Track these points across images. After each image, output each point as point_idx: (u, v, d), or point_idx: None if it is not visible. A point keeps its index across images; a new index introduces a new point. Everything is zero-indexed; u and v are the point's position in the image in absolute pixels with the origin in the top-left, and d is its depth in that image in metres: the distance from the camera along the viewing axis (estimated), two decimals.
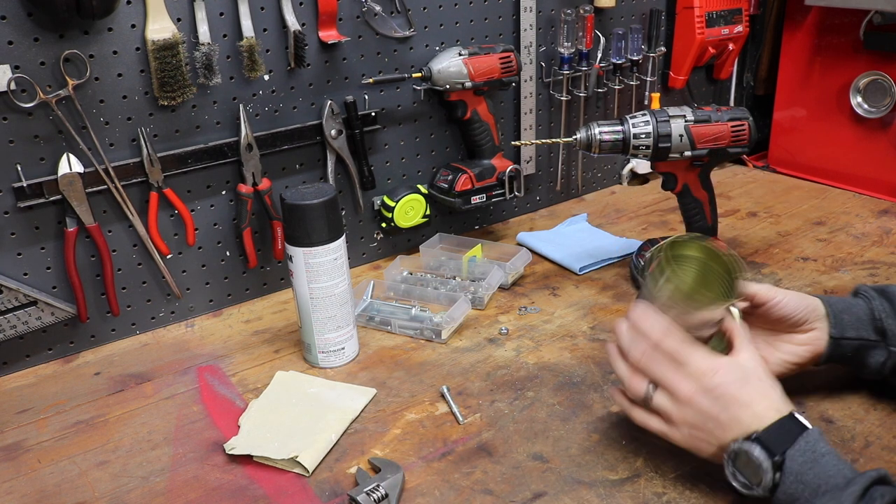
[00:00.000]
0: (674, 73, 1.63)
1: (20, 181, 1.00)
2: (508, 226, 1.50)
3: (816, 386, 0.93)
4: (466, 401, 0.95)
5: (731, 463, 0.71)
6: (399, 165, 1.34)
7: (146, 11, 1.02)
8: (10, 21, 0.94)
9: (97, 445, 0.91)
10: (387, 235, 1.37)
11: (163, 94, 1.05)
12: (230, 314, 1.22)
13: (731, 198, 1.57)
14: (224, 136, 1.14)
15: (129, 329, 1.16)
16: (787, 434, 0.69)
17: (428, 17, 1.27)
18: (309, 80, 1.19)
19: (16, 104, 0.97)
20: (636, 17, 1.53)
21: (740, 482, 0.71)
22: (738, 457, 0.71)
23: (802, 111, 1.67)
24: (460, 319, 1.11)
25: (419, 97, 1.29)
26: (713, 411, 0.73)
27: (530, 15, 1.37)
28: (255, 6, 1.10)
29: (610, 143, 1.11)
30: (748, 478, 0.70)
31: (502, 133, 1.41)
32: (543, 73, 1.45)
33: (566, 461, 0.83)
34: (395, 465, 0.82)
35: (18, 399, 1.02)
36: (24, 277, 1.05)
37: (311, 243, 0.97)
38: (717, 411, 0.72)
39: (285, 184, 1.21)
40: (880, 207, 1.48)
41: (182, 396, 1.00)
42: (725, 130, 1.12)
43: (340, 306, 1.02)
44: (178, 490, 0.83)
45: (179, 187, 1.12)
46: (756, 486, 0.69)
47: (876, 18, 1.46)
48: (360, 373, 1.03)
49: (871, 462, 0.80)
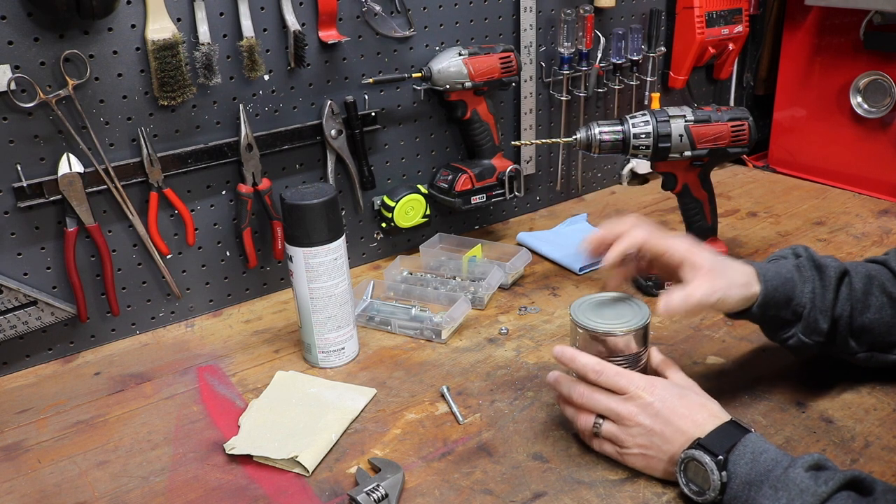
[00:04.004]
0: (674, 73, 1.63)
1: (20, 181, 1.00)
2: (508, 226, 1.50)
3: (816, 386, 0.93)
4: (466, 401, 0.95)
5: (682, 474, 0.75)
6: (399, 165, 1.34)
7: (146, 11, 1.02)
8: (10, 21, 0.94)
9: (97, 445, 0.91)
10: (387, 235, 1.36)
11: (163, 94, 1.05)
12: (230, 314, 1.22)
13: (731, 198, 1.57)
14: (224, 136, 1.14)
15: (129, 329, 1.16)
16: (728, 437, 0.73)
17: (428, 17, 1.27)
18: (309, 80, 1.19)
19: (16, 104, 0.97)
20: (636, 17, 1.53)
21: (693, 490, 0.74)
22: (686, 465, 0.74)
23: (802, 111, 1.67)
24: (460, 319, 1.11)
25: (419, 97, 1.29)
26: (657, 427, 0.77)
27: (530, 15, 1.37)
28: (255, 6, 1.10)
29: (610, 143, 1.11)
30: (699, 484, 0.73)
31: (502, 133, 1.41)
32: (543, 73, 1.45)
33: (566, 461, 0.83)
34: (395, 465, 0.82)
35: (18, 399, 1.02)
36: (24, 277, 1.05)
37: (311, 243, 0.97)
38: (661, 426, 0.77)
39: (285, 184, 1.21)
40: (880, 207, 1.48)
41: (182, 396, 1.00)
42: (725, 130, 1.12)
43: (340, 306, 1.02)
44: (178, 490, 0.83)
45: (179, 187, 1.12)
46: (708, 491, 0.72)
47: (876, 18, 1.46)
48: (360, 373, 1.03)
49: (871, 462, 0.80)
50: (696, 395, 0.79)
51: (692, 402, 0.78)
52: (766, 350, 1.02)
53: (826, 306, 0.85)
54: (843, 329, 0.86)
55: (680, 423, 0.76)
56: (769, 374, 0.96)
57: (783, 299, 0.85)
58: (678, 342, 1.05)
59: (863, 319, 0.87)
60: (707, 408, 0.77)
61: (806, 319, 0.85)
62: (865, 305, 0.87)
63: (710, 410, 0.77)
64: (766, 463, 0.70)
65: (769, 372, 0.97)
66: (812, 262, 0.87)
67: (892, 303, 0.87)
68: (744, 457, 0.71)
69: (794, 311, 0.85)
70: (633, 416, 0.78)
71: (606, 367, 0.80)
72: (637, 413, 0.78)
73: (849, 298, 0.86)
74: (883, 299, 0.87)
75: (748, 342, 1.04)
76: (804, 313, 0.85)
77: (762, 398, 0.92)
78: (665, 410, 0.77)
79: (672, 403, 0.77)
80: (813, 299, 0.85)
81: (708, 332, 1.06)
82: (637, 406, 0.78)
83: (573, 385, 0.83)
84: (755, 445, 0.72)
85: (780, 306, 0.85)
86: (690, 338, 1.06)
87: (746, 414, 0.89)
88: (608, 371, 0.80)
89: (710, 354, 1.02)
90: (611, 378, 0.80)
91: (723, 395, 0.92)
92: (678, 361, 0.86)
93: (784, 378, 0.95)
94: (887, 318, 0.87)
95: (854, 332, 0.87)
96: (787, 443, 0.84)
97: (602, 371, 0.80)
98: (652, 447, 0.77)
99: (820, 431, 0.86)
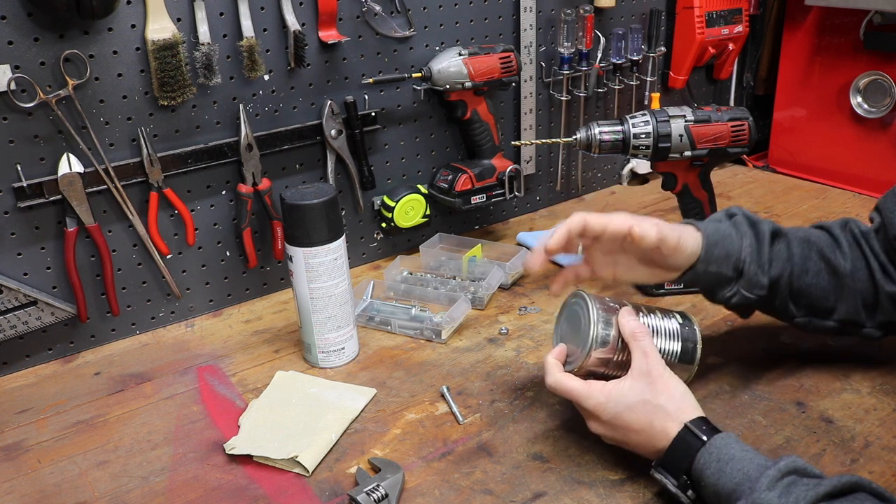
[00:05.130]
0: (674, 73, 1.63)
1: (20, 181, 1.00)
2: (508, 226, 1.50)
3: (816, 386, 0.93)
4: (466, 401, 0.95)
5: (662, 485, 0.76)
6: (399, 165, 1.34)
7: (146, 11, 1.02)
8: (10, 21, 0.94)
9: (97, 445, 0.91)
10: (387, 235, 1.36)
11: (163, 94, 1.05)
12: (230, 314, 1.22)
13: (731, 198, 1.57)
14: (224, 136, 1.14)
15: (129, 329, 1.16)
16: (685, 451, 0.72)
17: (428, 17, 1.27)
18: (309, 80, 1.19)
19: (16, 104, 0.97)
20: (636, 17, 1.53)
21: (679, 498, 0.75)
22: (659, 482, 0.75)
23: (802, 111, 1.67)
24: (460, 319, 1.11)
25: (419, 97, 1.29)
26: (618, 438, 0.79)
27: (530, 15, 1.37)
28: (255, 6, 1.10)
29: (610, 143, 1.11)
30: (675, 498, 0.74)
31: (502, 133, 1.41)
32: (543, 73, 1.45)
33: (566, 461, 0.83)
34: (395, 465, 0.82)
35: (18, 399, 1.02)
36: (24, 277, 1.05)
37: (311, 243, 0.97)
38: (622, 438, 0.78)
39: (285, 184, 1.21)
40: None
41: (182, 396, 1.00)
42: (725, 130, 1.12)
43: (340, 306, 1.02)
44: (178, 490, 0.83)
45: (179, 187, 1.12)
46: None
47: (876, 18, 1.46)
48: (360, 373, 1.03)
49: (871, 462, 0.80)
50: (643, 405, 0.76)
51: (643, 415, 0.75)
52: (766, 350, 1.02)
53: (763, 260, 0.86)
54: (783, 290, 0.87)
55: (636, 437, 0.76)
56: (769, 374, 0.96)
57: (723, 254, 0.85)
58: None
59: (800, 283, 0.88)
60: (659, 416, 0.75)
61: (746, 274, 0.85)
62: (804, 269, 0.88)
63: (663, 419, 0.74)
64: (732, 475, 0.68)
65: (769, 372, 0.97)
66: (747, 220, 0.89)
67: (829, 269, 0.88)
68: (709, 466, 0.70)
69: (735, 267, 0.86)
70: (596, 429, 0.80)
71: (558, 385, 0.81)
72: (597, 427, 0.80)
73: (788, 260, 0.87)
74: (821, 265, 0.88)
75: (748, 342, 1.04)
76: (744, 268, 0.85)
77: (762, 398, 0.92)
78: (620, 427, 0.77)
79: (623, 419, 0.76)
80: (752, 253, 0.86)
81: (708, 332, 1.06)
82: (595, 422, 0.80)
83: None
84: (721, 452, 0.70)
85: (720, 262, 0.85)
86: None
87: (746, 414, 0.89)
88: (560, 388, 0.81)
89: (710, 354, 1.02)
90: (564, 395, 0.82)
91: (723, 395, 0.93)
92: None
93: (784, 378, 0.95)
94: (824, 284, 0.88)
95: (793, 295, 0.88)
96: (787, 443, 0.84)
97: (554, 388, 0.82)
98: (624, 444, 0.79)
99: (820, 431, 0.86)
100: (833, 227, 0.93)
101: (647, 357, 0.79)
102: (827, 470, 0.78)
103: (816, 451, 0.82)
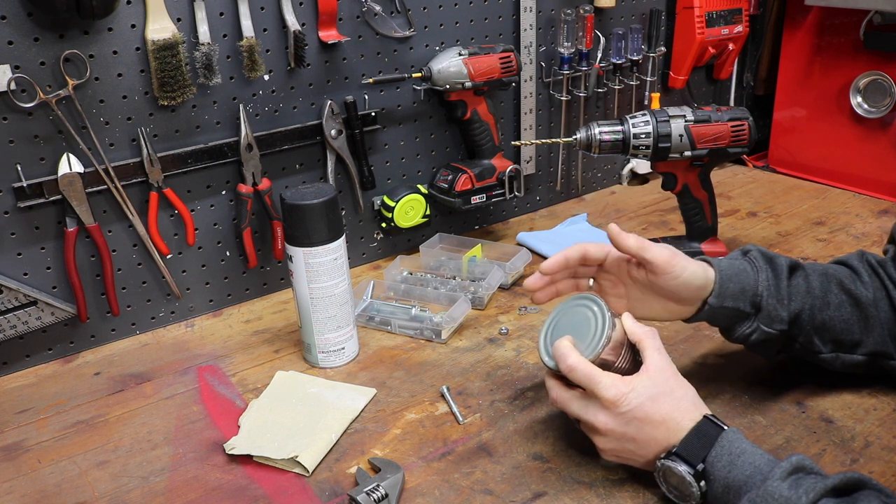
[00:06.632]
0: (674, 73, 1.63)
1: (20, 181, 1.00)
2: (508, 226, 1.50)
3: (816, 386, 0.93)
4: (466, 401, 0.95)
5: (662, 481, 0.75)
6: (399, 165, 1.34)
7: (146, 11, 1.02)
8: (10, 21, 0.94)
9: (97, 445, 0.91)
10: (387, 235, 1.36)
11: (163, 94, 1.05)
12: (230, 314, 1.22)
13: (731, 198, 1.57)
14: (224, 136, 1.14)
15: (129, 329, 1.16)
16: (704, 441, 0.72)
17: (428, 17, 1.27)
18: (309, 80, 1.19)
19: (16, 104, 0.97)
20: (636, 17, 1.53)
21: (675, 495, 0.74)
22: (665, 474, 0.74)
23: (802, 111, 1.67)
24: (460, 319, 1.11)
25: (419, 97, 1.29)
26: (629, 434, 0.75)
27: (530, 15, 1.37)
28: (255, 6, 1.10)
29: (610, 143, 1.11)
30: (681, 490, 0.73)
31: (502, 133, 1.41)
32: (543, 73, 1.45)
33: (566, 461, 0.83)
34: (395, 465, 0.82)
35: (18, 399, 1.02)
36: (24, 277, 1.05)
37: (311, 243, 0.97)
38: (634, 433, 0.75)
39: (285, 184, 1.21)
40: (880, 207, 1.48)
41: (182, 396, 1.00)
42: (725, 130, 1.12)
43: (340, 306, 1.02)
44: (178, 490, 0.83)
45: (179, 187, 1.12)
46: (689, 498, 0.72)
47: (876, 18, 1.46)
48: (360, 373, 1.03)
49: (871, 462, 0.80)
50: (667, 395, 0.75)
51: (665, 404, 0.75)
52: None
53: (782, 294, 0.85)
54: (805, 324, 0.86)
55: (653, 431, 0.74)
56: (769, 374, 0.96)
57: (738, 289, 0.84)
58: (678, 342, 1.04)
59: (823, 316, 0.86)
60: (680, 408, 0.75)
61: (765, 308, 0.84)
62: (825, 302, 0.86)
63: (684, 411, 0.75)
64: (743, 467, 0.69)
65: (769, 372, 0.97)
66: (763, 255, 0.88)
67: (851, 300, 0.87)
68: (721, 459, 0.70)
69: (753, 303, 0.85)
70: (604, 425, 0.76)
71: (578, 367, 0.77)
72: (607, 422, 0.76)
73: (808, 293, 0.86)
74: (842, 296, 0.87)
75: None
76: (762, 302, 0.84)
77: (762, 398, 0.92)
78: (638, 419, 0.74)
79: (645, 411, 0.74)
80: (769, 287, 0.85)
81: (708, 332, 1.06)
82: (607, 415, 0.76)
83: (552, 385, 0.82)
84: (732, 446, 0.71)
85: (736, 297, 0.84)
86: (690, 337, 1.06)
87: (747, 414, 0.89)
88: (579, 370, 0.77)
89: (710, 354, 1.02)
90: (581, 380, 0.77)
91: (723, 395, 0.93)
92: (677, 362, 0.85)
93: (784, 378, 0.95)
94: (847, 316, 0.87)
95: (817, 330, 0.87)
96: (787, 443, 0.84)
97: (573, 369, 0.77)
98: (625, 452, 0.77)
99: (820, 431, 0.86)
100: (850, 259, 0.92)
101: (662, 354, 0.79)
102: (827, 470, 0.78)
103: (816, 451, 0.82)
